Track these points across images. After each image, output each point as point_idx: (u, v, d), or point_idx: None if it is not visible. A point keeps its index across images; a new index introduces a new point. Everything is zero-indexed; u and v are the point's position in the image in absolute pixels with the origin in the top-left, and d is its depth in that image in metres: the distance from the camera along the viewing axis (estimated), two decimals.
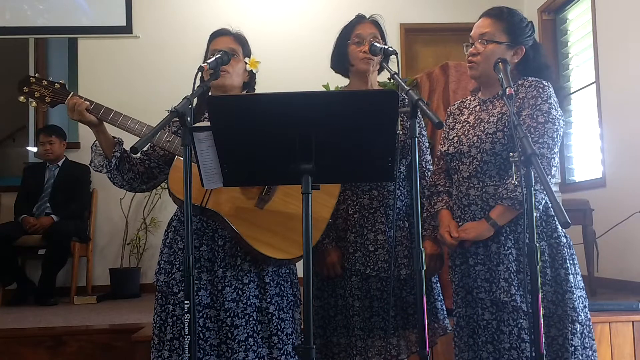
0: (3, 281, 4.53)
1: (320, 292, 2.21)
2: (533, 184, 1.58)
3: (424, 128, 2.34)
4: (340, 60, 2.26)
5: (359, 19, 2.26)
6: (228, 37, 2.15)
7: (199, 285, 1.97)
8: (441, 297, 2.27)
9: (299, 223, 1.95)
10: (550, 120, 1.92)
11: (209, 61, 1.84)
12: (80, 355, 3.09)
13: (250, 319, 1.97)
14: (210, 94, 2.09)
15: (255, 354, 1.95)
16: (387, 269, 2.13)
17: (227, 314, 1.95)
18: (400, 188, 2.22)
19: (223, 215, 1.95)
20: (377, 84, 2.33)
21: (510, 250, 1.93)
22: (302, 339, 1.59)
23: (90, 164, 2.06)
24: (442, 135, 2.21)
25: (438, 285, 2.28)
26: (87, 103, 1.98)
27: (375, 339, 2.14)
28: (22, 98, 2.04)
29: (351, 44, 2.21)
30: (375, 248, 2.14)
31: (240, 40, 2.17)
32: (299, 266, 1.54)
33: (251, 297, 1.98)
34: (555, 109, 1.94)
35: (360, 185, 2.18)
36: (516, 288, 1.89)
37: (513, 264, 1.91)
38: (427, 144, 2.34)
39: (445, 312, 2.25)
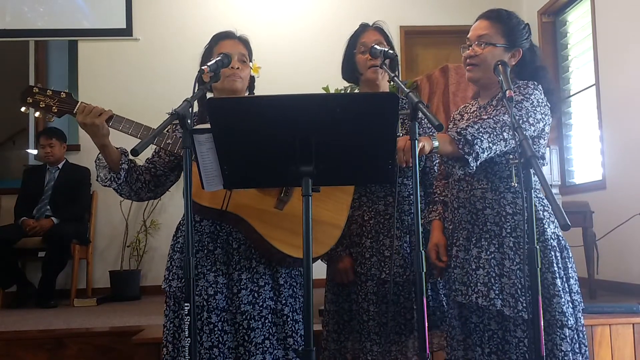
0: (3, 284, 4.53)
1: (336, 297, 2.23)
2: (533, 187, 1.58)
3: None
4: (349, 70, 2.30)
5: (363, 27, 2.29)
6: (236, 41, 2.15)
7: (216, 289, 1.97)
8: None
9: (318, 222, 1.97)
10: (517, 107, 1.88)
11: (209, 64, 1.83)
12: (80, 357, 3.09)
13: (266, 321, 1.98)
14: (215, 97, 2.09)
15: (272, 356, 1.96)
16: (402, 274, 2.14)
17: (244, 316, 1.96)
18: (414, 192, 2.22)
19: (245, 218, 1.95)
20: (388, 89, 2.34)
21: (493, 255, 1.92)
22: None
23: (97, 179, 2.03)
24: None
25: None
26: (111, 111, 1.95)
27: (392, 344, 2.14)
28: (24, 109, 2.00)
29: (357, 53, 2.24)
30: (391, 253, 2.15)
31: (247, 44, 2.18)
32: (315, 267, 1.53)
33: (267, 299, 1.98)
34: (532, 103, 1.91)
35: (376, 191, 2.20)
36: (496, 292, 1.88)
37: (495, 268, 1.90)
38: None
39: None
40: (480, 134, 1.78)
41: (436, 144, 1.76)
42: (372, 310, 2.13)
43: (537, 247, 1.56)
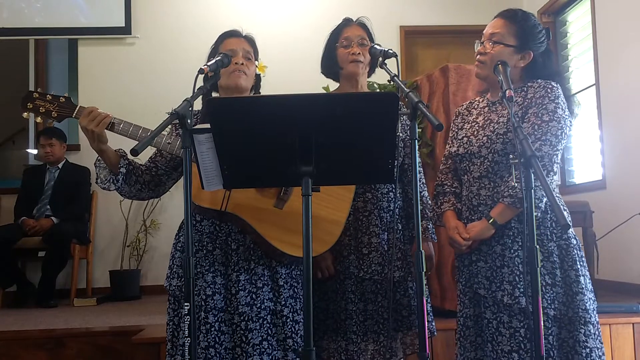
0: (3, 283, 4.53)
1: None
2: (533, 186, 1.58)
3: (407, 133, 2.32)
4: (329, 64, 2.28)
5: (346, 22, 2.28)
6: (241, 39, 2.16)
7: (214, 289, 1.97)
8: (429, 299, 2.26)
9: (318, 220, 1.97)
10: (555, 119, 1.91)
11: (209, 63, 1.83)
12: (80, 357, 3.09)
13: (265, 322, 1.97)
14: (218, 95, 2.09)
15: (270, 357, 1.95)
16: (380, 272, 2.13)
17: (241, 317, 1.96)
18: (394, 190, 2.22)
19: (243, 217, 1.95)
20: (366, 86, 2.34)
21: (517, 253, 1.92)
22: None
23: (96, 181, 2.03)
24: (450, 135, 2.20)
25: (426, 287, 2.27)
26: (111, 115, 1.94)
27: (369, 343, 2.13)
28: (26, 114, 2.03)
29: (339, 47, 2.23)
30: (369, 251, 2.15)
31: (253, 42, 2.19)
32: None
33: (265, 300, 1.98)
34: (562, 109, 1.93)
35: (354, 188, 2.17)
36: (521, 290, 1.88)
37: (520, 266, 1.90)
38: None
39: (432, 315, 2.24)
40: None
41: (497, 224, 1.91)
42: (350, 309, 2.12)
43: (537, 246, 1.57)
